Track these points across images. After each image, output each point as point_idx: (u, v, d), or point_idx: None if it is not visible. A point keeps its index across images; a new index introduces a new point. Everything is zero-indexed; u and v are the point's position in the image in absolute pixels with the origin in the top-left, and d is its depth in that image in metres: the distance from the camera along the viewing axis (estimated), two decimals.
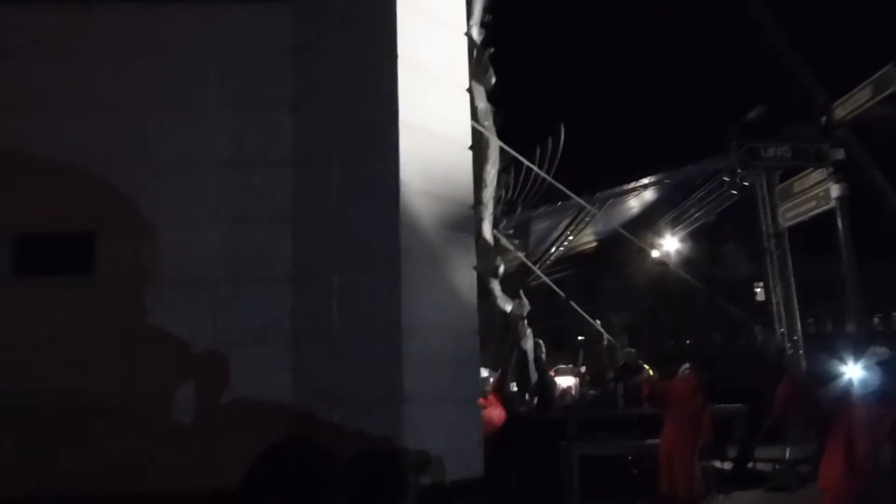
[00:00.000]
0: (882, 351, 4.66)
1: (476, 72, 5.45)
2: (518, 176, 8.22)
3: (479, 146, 5.30)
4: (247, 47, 5.26)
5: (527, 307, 7.21)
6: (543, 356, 12.04)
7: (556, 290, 10.96)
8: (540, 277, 14.26)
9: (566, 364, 14.98)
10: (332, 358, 4.61)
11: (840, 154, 4.67)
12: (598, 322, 15.06)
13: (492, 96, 6.00)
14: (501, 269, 6.00)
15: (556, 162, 8.88)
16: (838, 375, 5.07)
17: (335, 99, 4.98)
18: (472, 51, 5.53)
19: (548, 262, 16.57)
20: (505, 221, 8.75)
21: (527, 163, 6.91)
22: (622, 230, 15.50)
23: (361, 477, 2.29)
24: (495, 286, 5.70)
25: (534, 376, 7.96)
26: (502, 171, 6.86)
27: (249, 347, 4.84)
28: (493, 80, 5.80)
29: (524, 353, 7.10)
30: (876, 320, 47.67)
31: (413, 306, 4.35)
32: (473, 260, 4.99)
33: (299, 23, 5.28)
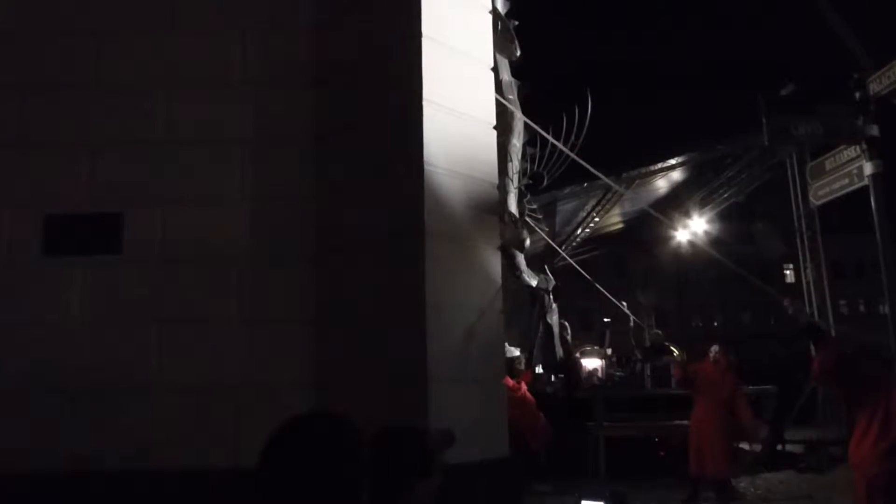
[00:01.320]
0: None
1: (500, 43, 5.39)
2: (544, 148, 8.15)
3: (503, 119, 5.26)
4: (269, 24, 5.25)
5: (552, 282, 7.18)
6: (569, 337, 12.01)
7: (581, 271, 10.90)
8: (565, 258, 14.17)
9: (592, 346, 14.93)
10: (356, 337, 4.62)
11: (874, 130, 4.54)
12: (625, 304, 14.97)
13: (516, 69, 5.93)
14: (527, 241, 5.96)
15: (584, 132, 8.77)
16: (880, 348, 4.95)
17: (358, 77, 4.95)
18: (497, 22, 5.46)
19: (574, 242, 16.48)
20: (529, 195, 8.71)
21: (550, 139, 6.87)
22: (650, 209, 15.32)
23: (385, 453, 2.29)
24: (521, 260, 5.66)
25: (559, 351, 7.93)
26: (527, 144, 6.82)
27: (274, 326, 4.87)
28: (518, 53, 5.73)
29: (549, 327, 7.08)
30: None
31: (438, 285, 4.33)
32: (498, 239, 4.95)
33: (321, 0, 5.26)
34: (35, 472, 4.41)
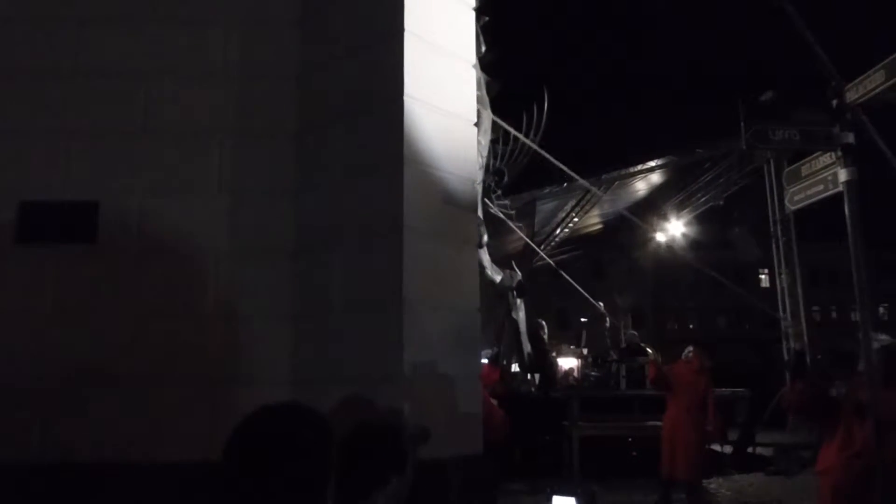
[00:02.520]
0: (884, 338, 4.68)
1: None
2: (507, 145, 8.29)
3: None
4: (251, 17, 5.22)
5: (517, 278, 7.23)
6: (545, 336, 12.06)
7: (558, 269, 10.99)
8: (543, 258, 14.21)
9: (569, 345, 14.99)
10: (332, 334, 4.61)
11: (850, 138, 4.61)
12: (602, 304, 15.06)
13: (485, 66, 5.96)
14: (485, 237, 5.97)
15: (542, 128, 8.93)
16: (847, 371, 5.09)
17: (340, 71, 4.94)
18: None
19: (553, 243, 16.55)
20: (500, 192, 8.80)
21: (521, 137, 7.02)
22: (627, 213, 15.44)
23: (360, 449, 2.28)
24: (484, 256, 5.68)
25: (526, 347, 8.00)
26: (494, 142, 6.89)
27: (250, 320, 4.84)
28: (484, 49, 5.76)
29: (515, 323, 7.15)
30: (882, 309, 47.67)
31: (415, 283, 4.33)
32: (476, 237, 4.96)
33: None
34: (4, 463, 4.35)
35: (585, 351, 14.18)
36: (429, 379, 4.35)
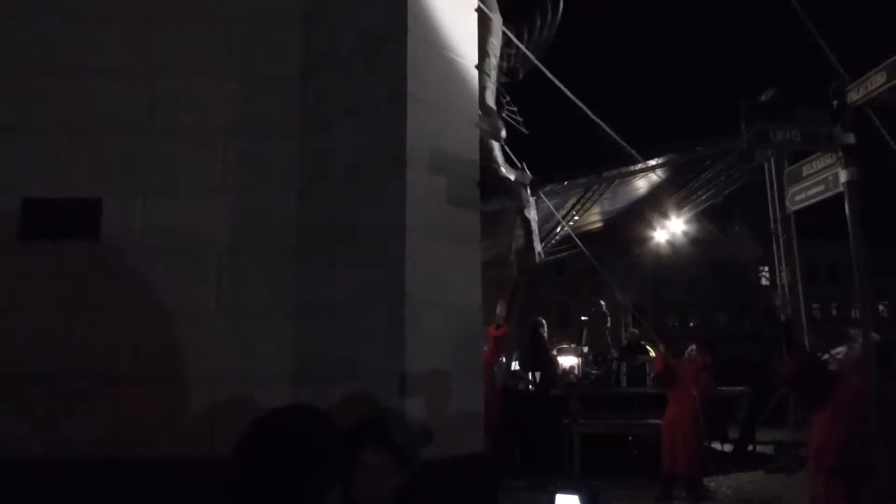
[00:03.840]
0: (875, 337, 4.73)
1: None
2: (519, 48, 8.48)
3: (483, 20, 5.50)
4: (255, 14, 5.22)
5: (529, 176, 7.27)
6: (545, 333, 12.07)
7: (581, 246, 11.05)
8: (547, 254, 14.19)
9: (569, 343, 15.02)
10: (334, 332, 4.62)
11: (851, 139, 4.62)
12: (603, 303, 15.08)
13: None
14: (504, 132, 6.06)
15: (556, 28, 9.09)
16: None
17: (343, 70, 4.94)
18: None
19: (554, 240, 16.55)
20: (508, 98, 8.99)
21: (522, 47, 7.48)
22: (627, 212, 15.44)
23: (363, 448, 2.30)
24: (498, 153, 5.72)
25: (538, 247, 7.99)
26: (504, 45, 7.11)
27: (252, 318, 4.86)
28: None
29: (528, 221, 7.14)
30: (881, 307, 47.70)
31: (417, 281, 4.34)
32: (479, 236, 4.97)
33: None
34: (3, 458, 4.38)
35: (586, 349, 14.21)
36: (431, 378, 4.36)
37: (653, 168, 14.20)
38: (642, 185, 16.54)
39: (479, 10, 5.36)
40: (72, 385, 4.68)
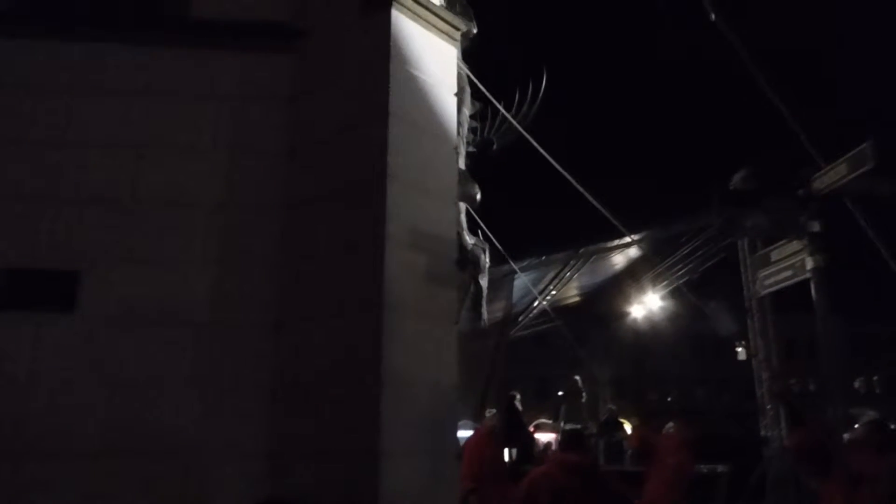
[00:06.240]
0: (872, 413, 4.76)
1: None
2: (494, 119, 8.74)
3: (459, 91, 5.69)
4: (242, 93, 5.36)
5: (486, 246, 7.41)
6: (519, 406, 11.98)
7: (556, 320, 11.00)
8: (523, 328, 14.24)
9: (547, 419, 14.91)
10: (309, 410, 4.61)
11: (816, 227, 4.77)
12: (579, 378, 15.05)
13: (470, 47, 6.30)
14: (478, 196, 6.17)
15: (535, 107, 9.30)
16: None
17: (328, 148, 5.07)
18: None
19: (531, 314, 16.61)
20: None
21: (501, 109, 7.76)
22: (605, 286, 15.58)
23: None
24: (464, 217, 5.80)
25: (485, 314, 7.99)
26: (481, 117, 7.49)
27: (230, 393, 4.83)
28: (475, 31, 6.09)
29: (480, 289, 7.19)
30: (857, 383, 47.84)
31: (394, 359, 4.37)
32: (455, 315, 5.03)
33: (295, 74, 5.41)
34: None
35: (563, 424, 14.08)
36: (405, 455, 4.34)
37: (629, 245, 14.42)
38: (620, 260, 16.75)
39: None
40: (42, 460, 4.59)
